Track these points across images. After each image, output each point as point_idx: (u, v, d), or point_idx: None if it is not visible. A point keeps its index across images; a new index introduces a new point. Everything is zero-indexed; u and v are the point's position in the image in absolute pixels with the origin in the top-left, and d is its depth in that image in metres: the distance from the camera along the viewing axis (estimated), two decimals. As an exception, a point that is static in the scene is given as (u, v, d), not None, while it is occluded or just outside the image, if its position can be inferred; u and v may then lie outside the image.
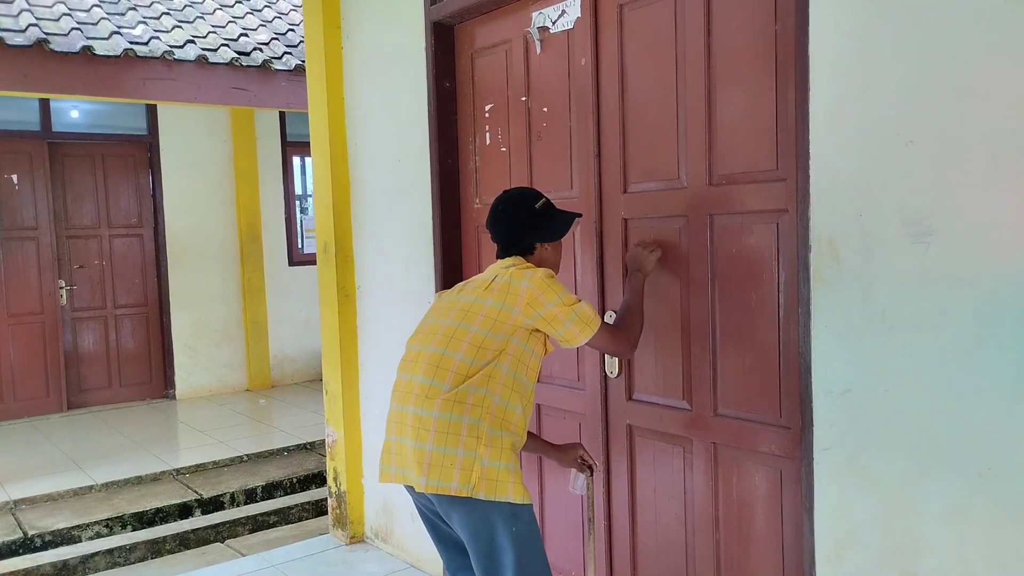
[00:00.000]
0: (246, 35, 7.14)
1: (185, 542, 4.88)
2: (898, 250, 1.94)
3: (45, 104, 7.28)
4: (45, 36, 5.86)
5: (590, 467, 2.58)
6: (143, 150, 7.83)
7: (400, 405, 2.25)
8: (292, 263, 8.63)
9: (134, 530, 4.99)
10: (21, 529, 4.79)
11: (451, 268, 3.49)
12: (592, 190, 2.85)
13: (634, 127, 2.71)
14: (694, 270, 2.55)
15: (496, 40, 3.26)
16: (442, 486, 2.11)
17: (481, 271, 2.87)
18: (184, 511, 5.22)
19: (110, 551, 4.66)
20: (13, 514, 5.02)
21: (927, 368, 1.91)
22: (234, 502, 5.41)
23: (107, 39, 6.20)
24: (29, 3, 6.34)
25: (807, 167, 2.11)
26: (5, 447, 6.36)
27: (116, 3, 6.96)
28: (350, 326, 4.11)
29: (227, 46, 6.80)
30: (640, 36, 2.67)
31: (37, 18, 6.12)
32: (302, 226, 8.82)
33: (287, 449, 6.23)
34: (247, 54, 6.82)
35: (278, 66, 6.85)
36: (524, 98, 3.13)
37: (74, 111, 7.55)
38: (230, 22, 7.33)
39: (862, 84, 1.99)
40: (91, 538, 4.86)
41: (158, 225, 7.89)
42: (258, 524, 5.16)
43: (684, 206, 2.56)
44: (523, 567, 2.14)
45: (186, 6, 7.41)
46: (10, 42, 5.69)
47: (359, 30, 3.94)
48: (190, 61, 6.45)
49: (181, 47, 6.52)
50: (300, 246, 8.78)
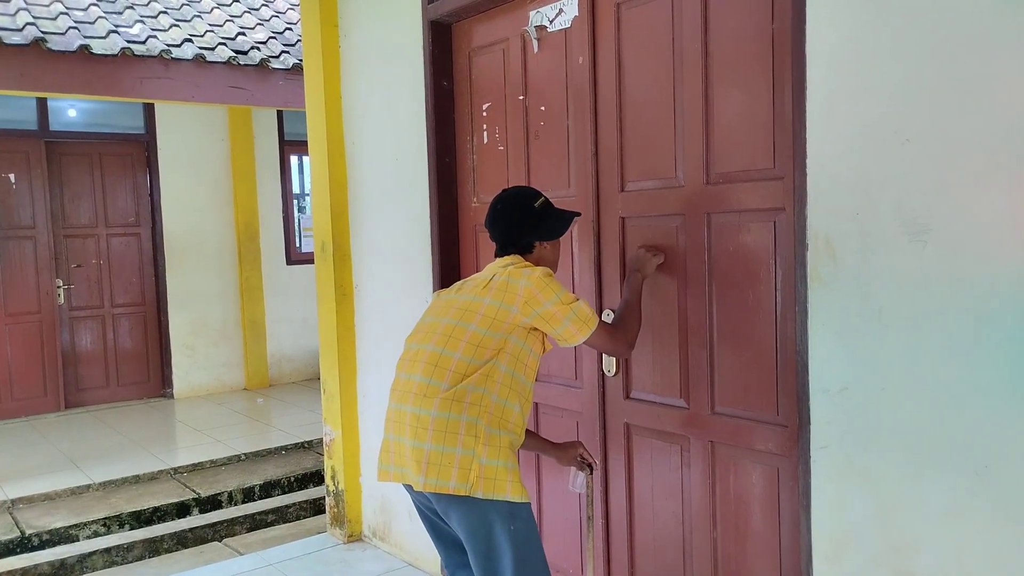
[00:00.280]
0: (243, 34, 7.13)
1: (183, 541, 4.88)
2: (895, 249, 1.94)
3: (42, 103, 7.27)
4: (42, 35, 5.85)
5: (589, 465, 2.59)
6: (140, 149, 7.82)
7: (398, 404, 2.26)
8: (290, 262, 8.62)
9: (132, 529, 4.99)
10: (19, 528, 4.79)
11: (449, 267, 3.49)
12: (590, 189, 2.85)
13: (631, 126, 2.71)
14: (691, 269, 2.55)
15: (494, 39, 3.26)
16: (440, 485, 2.12)
17: (479, 270, 2.87)
18: (182, 510, 5.22)
19: (108, 550, 4.66)
20: (11, 513, 5.02)
21: (924, 367, 1.91)
22: (232, 501, 5.41)
23: (104, 38, 6.19)
24: (26, 2, 6.33)
25: (804, 166, 2.12)
26: (2, 446, 6.35)
27: (113, 2, 6.95)
28: (348, 325, 4.11)
29: (224, 45, 6.80)
30: (637, 35, 2.67)
31: (34, 17, 6.12)
32: (300, 225, 8.81)
33: (285, 448, 6.23)
34: (244, 53, 6.81)
35: (276, 65, 6.84)
36: (522, 97, 3.13)
37: (71, 110, 7.54)
38: (227, 21, 7.32)
39: (859, 83, 1.99)
40: (89, 537, 4.86)
41: (156, 224, 7.88)
42: (256, 523, 5.16)
43: (681, 205, 2.56)
44: (521, 565, 2.14)
45: (183, 5, 7.40)
46: (7, 41, 5.68)
47: (356, 29, 3.94)
48: (187, 60, 6.44)
49: (178, 46, 6.51)
50: (298, 245, 8.77)
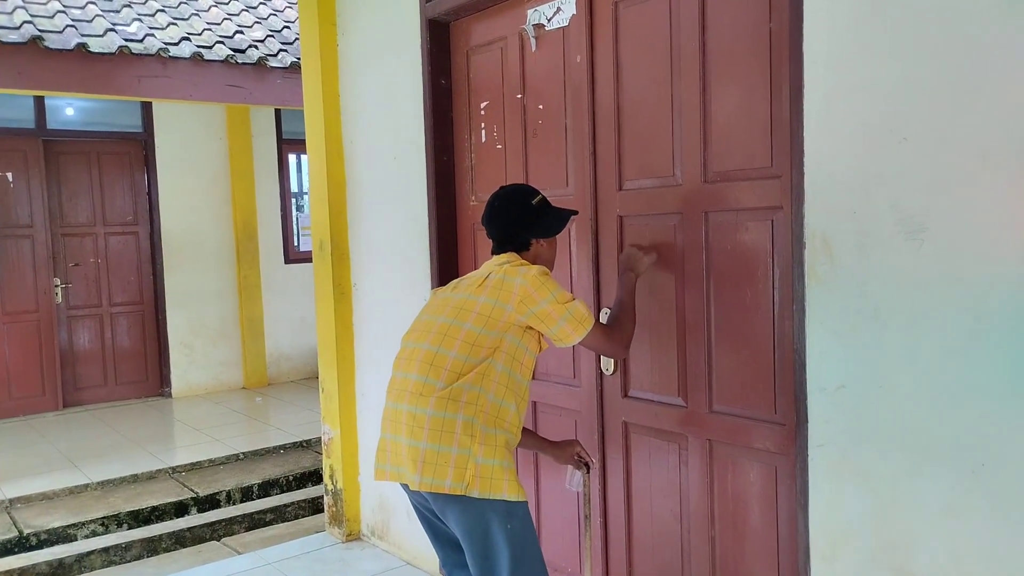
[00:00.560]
0: (241, 32, 7.12)
1: (181, 540, 4.88)
2: (892, 247, 1.94)
3: (40, 102, 7.26)
4: (40, 33, 5.84)
5: (587, 464, 2.58)
6: (138, 148, 7.81)
7: (395, 403, 2.25)
8: (288, 261, 8.61)
9: (130, 528, 4.99)
10: (16, 528, 4.78)
11: (447, 265, 3.49)
12: (588, 187, 2.85)
13: (629, 124, 2.71)
14: (689, 267, 2.55)
15: (491, 37, 3.25)
16: (437, 484, 2.11)
17: (477, 268, 2.87)
18: (180, 509, 5.22)
19: (106, 550, 4.65)
20: (9, 513, 5.01)
21: (921, 365, 1.91)
22: (230, 500, 5.40)
23: (102, 36, 6.18)
24: (23, 0, 6.32)
25: (801, 164, 2.12)
26: (0, 446, 6.34)
27: (111, 0, 6.95)
28: (346, 324, 4.11)
29: (222, 43, 6.79)
30: (635, 33, 2.67)
31: (31, 15, 6.11)
32: (298, 224, 8.81)
33: (283, 447, 6.22)
34: (242, 51, 6.80)
35: (273, 63, 6.83)
36: (520, 95, 3.13)
37: (69, 109, 7.53)
38: (225, 19, 7.31)
39: (857, 82, 1.99)
40: (87, 537, 4.86)
41: (154, 223, 7.87)
42: (254, 522, 5.16)
43: (679, 203, 2.56)
44: (519, 564, 2.14)
45: (181, 3, 7.39)
46: (4, 39, 5.67)
47: (354, 27, 3.94)
48: (185, 58, 6.42)
49: (176, 44, 6.50)
50: (296, 244, 8.76)
